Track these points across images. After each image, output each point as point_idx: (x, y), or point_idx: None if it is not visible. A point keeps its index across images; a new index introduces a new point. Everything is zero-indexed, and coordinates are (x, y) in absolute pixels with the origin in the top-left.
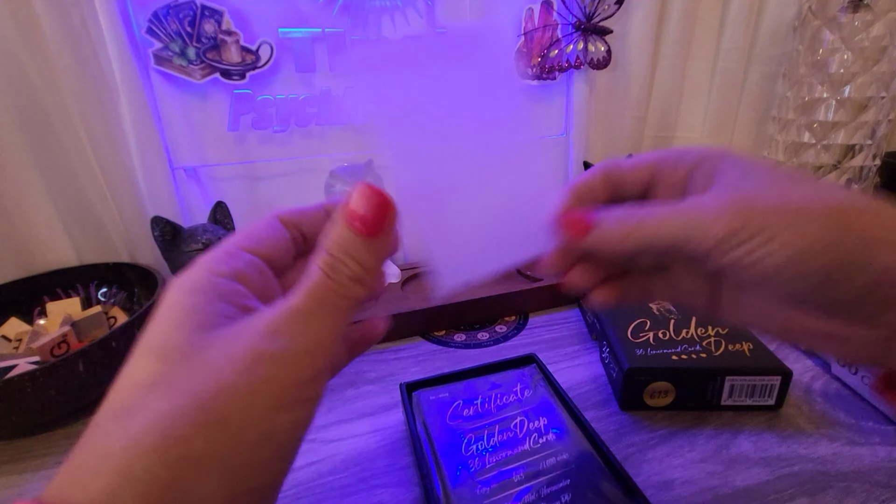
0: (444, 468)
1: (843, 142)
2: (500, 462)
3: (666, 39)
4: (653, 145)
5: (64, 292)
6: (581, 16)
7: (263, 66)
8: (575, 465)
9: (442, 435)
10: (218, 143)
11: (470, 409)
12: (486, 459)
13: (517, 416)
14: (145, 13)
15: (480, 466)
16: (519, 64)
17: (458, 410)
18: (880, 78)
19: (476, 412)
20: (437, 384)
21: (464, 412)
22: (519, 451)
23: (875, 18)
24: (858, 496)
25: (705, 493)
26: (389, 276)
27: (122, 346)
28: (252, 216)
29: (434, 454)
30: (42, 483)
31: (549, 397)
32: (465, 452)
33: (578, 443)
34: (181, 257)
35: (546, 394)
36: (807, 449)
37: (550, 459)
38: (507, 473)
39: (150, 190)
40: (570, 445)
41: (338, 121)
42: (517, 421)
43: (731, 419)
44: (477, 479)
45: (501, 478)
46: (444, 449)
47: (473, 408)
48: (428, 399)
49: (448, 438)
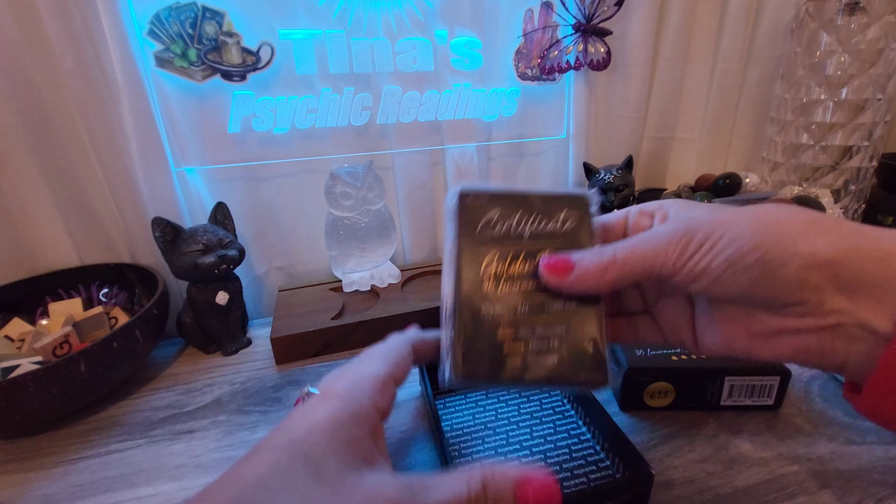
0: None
1: (841, 143)
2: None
3: (665, 41)
4: (652, 146)
5: (66, 293)
6: (581, 17)
7: (264, 67)
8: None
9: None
10: (219, 144)
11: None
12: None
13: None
14: (147, 15)
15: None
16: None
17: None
18: (877, 80)
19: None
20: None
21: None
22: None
23: (871, 21)
24: (856, 494)
25: (705, 492)
26: (389, 276)
27: (123, 347)
28: (252, 217)
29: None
30: (44, 482)
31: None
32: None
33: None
34: (182, 258)
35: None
36: (806, 448)
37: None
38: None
39: (151, 191)
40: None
41: (338, 122)
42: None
43: (731, 419)
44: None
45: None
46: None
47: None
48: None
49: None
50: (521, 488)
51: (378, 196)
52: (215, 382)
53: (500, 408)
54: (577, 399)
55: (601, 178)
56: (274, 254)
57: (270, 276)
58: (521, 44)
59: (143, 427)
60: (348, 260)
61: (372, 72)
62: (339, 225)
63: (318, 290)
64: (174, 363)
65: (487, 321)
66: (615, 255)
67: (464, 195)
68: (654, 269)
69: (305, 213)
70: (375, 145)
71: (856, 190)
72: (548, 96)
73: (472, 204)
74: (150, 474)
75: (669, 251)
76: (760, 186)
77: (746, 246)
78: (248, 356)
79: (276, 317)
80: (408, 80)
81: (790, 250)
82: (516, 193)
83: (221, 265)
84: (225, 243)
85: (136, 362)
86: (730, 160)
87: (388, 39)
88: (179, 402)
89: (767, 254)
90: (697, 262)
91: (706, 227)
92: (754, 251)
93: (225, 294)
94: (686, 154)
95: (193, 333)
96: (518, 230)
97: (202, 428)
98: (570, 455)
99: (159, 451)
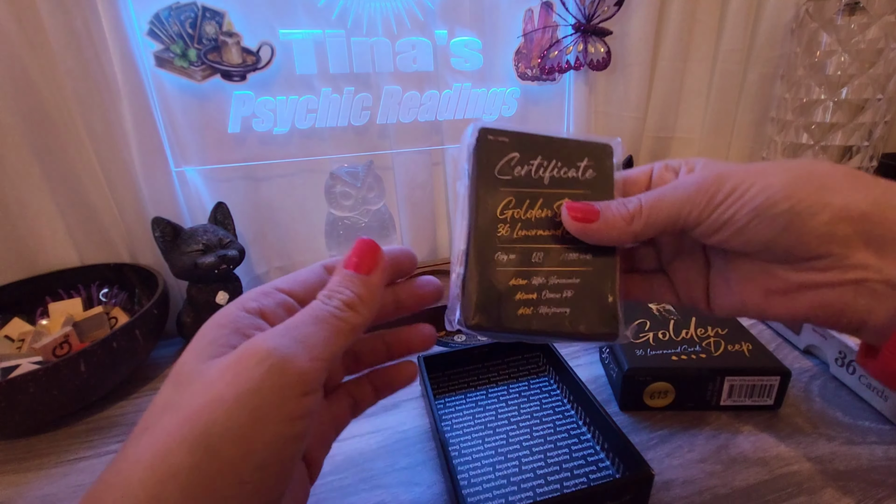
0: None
1: (841, 143)
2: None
3: (665, 41)
4: (652, 146)
5: (66, 293)
6: (581, 17)
7: (264, 67)
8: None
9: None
10: (219, 144)
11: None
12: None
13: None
14: (147, 15)
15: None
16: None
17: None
18: (877, 80)
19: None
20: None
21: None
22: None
23: (871, 21)
24: (856, 495)
25: (705, 493)
26: None
27: (124, 347)
28: (252, 217)
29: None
30: (44, 482)
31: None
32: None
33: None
34: (182, 258)
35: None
36: (805, 448)
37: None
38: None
39: (151, 191)
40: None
41: (338, 122)
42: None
43: (731, 419)
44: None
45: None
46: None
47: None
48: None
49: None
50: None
51: (378, 196)
52: None
53: (500, 408)
54: (577, 399)
55: None
56: (274, 254)
57: (270, 276)
58: (521, 44)
59: None
60: None
61: (372, 72)
62: (339, 225)
63: None
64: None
65: (501, 266)
66: (641, 204)
67: (484, 132)
68: (681, 218)
69: (305, 213)
70: (375, 145)
71: None
72: (548, 96)
73: (492, 143)
74: None
75: (697, 199)
76: None
77: (777, 195)
78: None
79: None
80: (408, 80)
81: (822, 201)
82: (539, 136)
83: (221, 265)
84: (225, 243)
85: (136, 362)
86: (730, 160)
87: (388, 39)
88: None
89: (799, 204)
90: (724, 211)
91: (736, 177)
92: (785, 200)
93: (225, 294)
94: (686, 154)
95: (193, 333)
96: (538, 174)
97: None
98: (570, 455)
99: None
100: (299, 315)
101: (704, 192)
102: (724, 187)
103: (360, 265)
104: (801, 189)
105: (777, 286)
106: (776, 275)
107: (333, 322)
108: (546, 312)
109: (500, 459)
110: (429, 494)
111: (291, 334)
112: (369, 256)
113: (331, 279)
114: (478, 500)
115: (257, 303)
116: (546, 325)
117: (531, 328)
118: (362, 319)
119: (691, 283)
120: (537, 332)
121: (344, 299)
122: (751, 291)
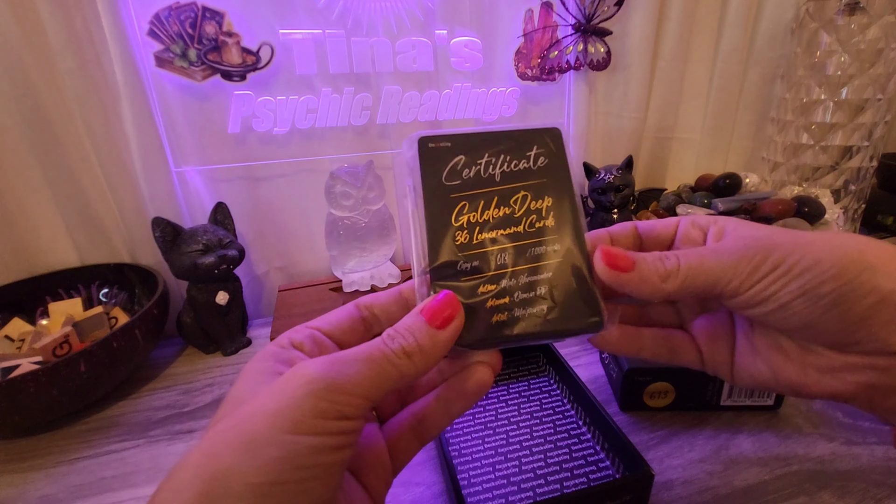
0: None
1: (841, 143)
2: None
3: (665, 41)
4: (652, 146)
5: (66, 293)
6: (581, 17)
7: (264, 67)
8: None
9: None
10: (219, 144)
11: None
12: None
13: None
14: (147, 15)
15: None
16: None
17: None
18: (877, 80)
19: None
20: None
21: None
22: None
23: (871, 21)
24: (856, 495)
25: (705, 493)
26: (389, 276)
27: (124, 347)
28: (252, 217)
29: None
30: (44, 482)
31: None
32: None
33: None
34: (182, 258)
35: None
36: (805, 448)
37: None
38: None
39: (151, 191)
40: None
41: (338, 122)
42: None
43: (731, 419)
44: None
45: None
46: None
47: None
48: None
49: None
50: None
51: (378, 196)
52: (215, 382)
53: (500, 408)
54: (577, 399)
55: (601, 178)
56: (274, 254)
57: (270, 276)
58: (521, 44)
59: (143, 427)
60: (348, 260)
61: (372, 72)
62: (339, 225)
63: (318, 290)
64: (174, 363)
65: (465, 277)
66: (679, 264)
67: (424, 141)
68: (720, 285)
69: (305, 213)
70: (375, 145)
71: (856, 190)
72: (548, 96)
73: (433, 150)
74: (149, 474)
75: (741, 268)
76: (760, 186)
77: (826, 274)
78: (248, 356)
79: (276, 317)
80: (408, 80)
81: (871, 283)
82: (480, 133)
83: (221, 265)
84: (225, 243)
85: (136, 362)
86: (730, 160)
87: (388, 39)
88: (179, 402)
89: (847, 285)
90: (768, 286)
91: (783, 248)
92: (833, 280)
93: (225, 294)
94: (686, 154)
95: (193, 333)
96: (488, 173)
97: (202, 428)
98: (570, 455)
99: (159, 452)
100: (356, 348)
101: (749, 261)
102: (770, 258)
103: (434, 316)
104: (850, 269)
105: (817, 362)
106: (816, 351)
107: (385, 365)
108: (522, 314)
109: (500, 459)
110: (429, 494)
111: (339, 366)
112: (448, 311)
113: (403, 319)
114: (478, 500)
115: (287, 338)
116: (525, 328)
117: (511, 334)
118: (415, 371)
119: (717, 344)
120: (518, 338)
121: (405, 345)
122: (784, 364)
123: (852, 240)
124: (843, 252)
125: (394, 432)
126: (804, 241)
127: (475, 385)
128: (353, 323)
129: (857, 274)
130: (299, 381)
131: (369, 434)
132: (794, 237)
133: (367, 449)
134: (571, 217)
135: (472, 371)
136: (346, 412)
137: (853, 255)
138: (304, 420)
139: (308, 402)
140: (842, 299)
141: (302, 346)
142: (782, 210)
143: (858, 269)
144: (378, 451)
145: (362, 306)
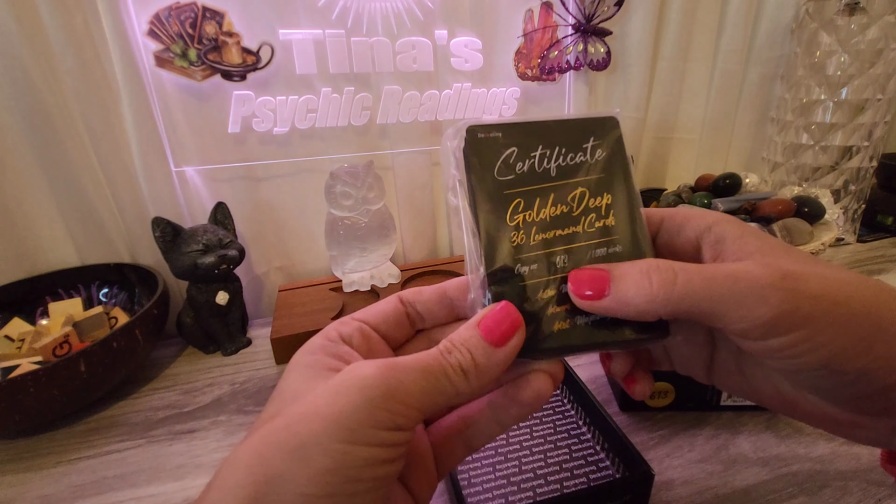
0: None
1: (841, 143)
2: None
3: (665, 41)
4: (652, 146)
5: (66, 293)
6: (581, 17)
7: (264, 67)
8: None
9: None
10: (219, 144)
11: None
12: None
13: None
14: (147, 15)
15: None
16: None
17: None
18: (876, 80)
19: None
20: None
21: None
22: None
23: (871, 21)
24: (855, 495)
25: (705, 492)
26: (389, 276)
27: (123, 347)
28: (252, 217)
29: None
30: (44, 482)
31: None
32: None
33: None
34: (182, 258)
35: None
36: (805, 448)
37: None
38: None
39: (151, 191)
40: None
41: (338, 122)
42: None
43: (731, 419)
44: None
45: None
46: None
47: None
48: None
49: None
50: (482, 324)
51: (378, 196)
52: (215, 382)
53: None
54: (577, 399)
55: None
56: (274, 254)
57: (270, 276)
58: (521, 44)
59: (143, 427)
60: (348, 260)
61: (372, 72)
62: (339, 225)
63: (318, 290)
64: (174, 363)
65: (523, 282)
66: (677, 283)
67: (473, 131)
68: (723, 321)
69: (305, 213)
70: (375, 145)
71: (856, 190)
72: (548, 96)
73: (483, 141)
74: (150, 474)
75: (758, 311)
76: (760, 186)
77: (857, 349)
78: (248, 356)
79: (276, 316)
80: (408, 80)
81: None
82: (534, 122)
83: (221, 265)
84: (225, 243)
85: (136, 362)
86: (730, 160)
87: (388, 39)
88: (179, 402)
89: (874, 363)
90: (790, 345)
91: (816, 301)
92: (860, 358)
93: (225, 294)
94: (686, 154)
95: (193, 333)
96: (543, 167)
97: (202, 428)
98: (570, 455)
99: (159, 451)
100: (414, 356)
101: (773, 307)
102: (798, 311)
103: (491, 331)
104: (877, 344)
105: (801, 408)
106: (804, 401)
107: (440, 379)
108: (585, 322)
109: (500, 459)
110: None
111: (395, 373)
112: (505, 326)
113: (459, 329)
114: (478, 500)
115: (335, 331)
116: (588, 337)
117: (572, 344)
118: (470, 390)
119: (691, 356)
120: (580, 348)
121: (461, 361)
122: (774, 394)
123: (881, 302)
124: (873, 320)
125: (440, 435)
126: (838, 298)
127: (532, 394)
128: (399, 317)
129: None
130: (356, 384)
131: (415, 436)
132: (824, 306)
133: (413, 452)
134: (633, 216)
135: (529, 379)
136: (401, 423)
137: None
138: (359, 429)
139: (364, 410)
140: (869, 374)
141: (351, 339)
142: (782, 210)
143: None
144: (424, 455)
145: (406, 301)
